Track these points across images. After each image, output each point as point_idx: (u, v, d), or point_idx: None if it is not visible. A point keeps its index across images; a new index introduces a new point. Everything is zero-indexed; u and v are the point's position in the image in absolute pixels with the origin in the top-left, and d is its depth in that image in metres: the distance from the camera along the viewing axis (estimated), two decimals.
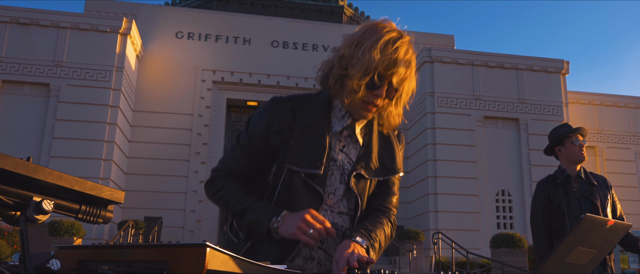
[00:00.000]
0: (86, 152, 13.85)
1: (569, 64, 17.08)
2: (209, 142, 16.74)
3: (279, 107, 1.55)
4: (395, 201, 1.65)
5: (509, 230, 15.15)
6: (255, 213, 1.48)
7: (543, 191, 3.34)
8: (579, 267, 1.33)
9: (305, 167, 1.48)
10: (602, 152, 18.60)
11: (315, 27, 18.37)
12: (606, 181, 3.38)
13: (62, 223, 11.10)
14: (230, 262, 0.94)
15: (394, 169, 1.62)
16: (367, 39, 1.46)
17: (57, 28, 14.55)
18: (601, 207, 3.24)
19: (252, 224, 1.48)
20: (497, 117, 16.54)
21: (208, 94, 17.02)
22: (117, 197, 1.03)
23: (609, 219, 1.25)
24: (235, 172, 1.61)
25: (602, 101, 19.02)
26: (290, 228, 1.40)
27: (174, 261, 0.92)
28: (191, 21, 17.54)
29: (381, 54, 1.42)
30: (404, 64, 1.46)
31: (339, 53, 1.51)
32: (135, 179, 15.70)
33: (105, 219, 1.05)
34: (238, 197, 1.53)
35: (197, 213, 16.05)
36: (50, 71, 14.27)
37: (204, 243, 0.89)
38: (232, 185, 1.57)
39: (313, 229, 1.37)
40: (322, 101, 1.58)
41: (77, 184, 0.96)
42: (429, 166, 15.69)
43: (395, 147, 1.66)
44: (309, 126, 1.52)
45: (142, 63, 16.79)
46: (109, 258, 1.04)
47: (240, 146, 1.61)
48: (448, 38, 19.34)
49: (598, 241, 1.30)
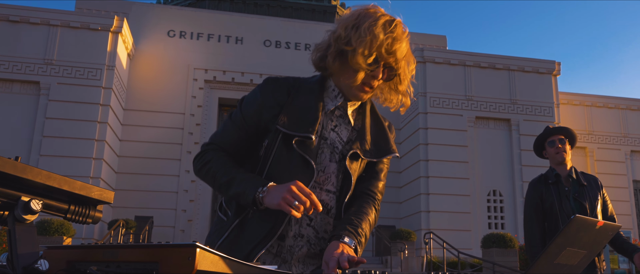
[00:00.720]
0: (76, 151, 13.76)
1: (560, 65, 17.19)
2: (201, 142, 16.68)
3: (274, 84, 1.58)
4: (381, 187, 1.66)
5: (500, 230, 15.23)
6: (242, 184, 1.45)
7: (536, 191, 3.37)
8: (568, 267, 1.33)
9: (297, 131, 1.49)
10: (593, 153, 18.73)
11: (307, 26, 18.36)
12: (597, 181, 3.41)
13: (52, 222, 11.03)
14: (221, 262, 0.94)
15: (389, 149, 1.64)
16: (364, 20, 1.49)
17: (47, 26, 14.44)
18: (590, 208, 3.27)
19: (238, 195, 1.45)
20: (489, 117, 16.61)
21: (200, 93, 16.96)
22: (107, 197, 1.03)
23: (598, 220, 1.26)
24: (227, 147, 1.59)
25: (593, 102, 19.16)
26: (275, 198, 1.36)
27: (164, 262, 0.91)
28: (183, 20, 17.47)
29: (383, 32, 1.47)
30: (404, 42, 1.51)
31: (335, 34, 1.53)
32: (126, 178, 15.63)
33: (94, 219, 1.04)
34: (226, 169, 1.51)
35: (188, 213, 16.00)
36: (40, 68, 14.17)
37: (193, 243, 0.88)
38: (221, 158, 1.56)
39: (298, 200, 1.33)
40: (315, 80, 1.61)
41: (66, 184, 0.96)
42: (420, 166, 15.73)
43: (387, 131, 1.69)
44: (302, 100, 1.55)
45: (133, 62, 16.71)
46: (98, 258, 1.03)
47: (232, 121, 1.60)
48: (440, 38, 19.40)
49: (588, 242, 1.31)
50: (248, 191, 1.42)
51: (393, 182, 16.98)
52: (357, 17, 1.51)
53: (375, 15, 1.50)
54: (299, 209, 1.32)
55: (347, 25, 1.51)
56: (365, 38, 1.45)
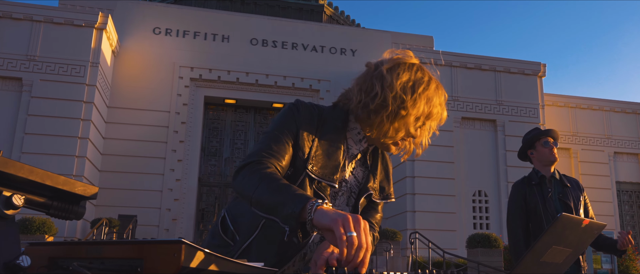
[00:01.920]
0: (59, 148, 13.59)
1: (545, 67, 17.37)
2: (186, 140, 16.58)
3: (306, 112, 1.52)
4: (379, 219, 1.69)
5: (485, 230, 15.34)
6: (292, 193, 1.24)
7: (519, 192, 3.40)
8: (554, 266, 1.34)
9: (324, 177, 1.47)
10: (577, 154, 18.94)
11: (294, 25, 18.32)
12: (579, 184, 3.45)
13: (34, 220, 10.88)
14: (207, 259, 0.92)
15: (389, 195, 1.68)
16: (419, 84, 1.48)
17: (30, 21, 14.25)
18: (575, 208, 3.31)
19: (281, 203, 1.24)
20: (475, 118, 16.72)
21: (185, 91, 16.85)
22: (90, 192, 1.00)
23: (584, 219, 1.26)
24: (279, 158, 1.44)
25: (577, 104, 19.38)
26: (331, 216, 1.13)
27: (149, 258, 0.89)
28: (169, 17, 17.34)
29: (436, 100, 1.50)
30: (445, 112, 1.56)
31: (393, 92, 1.45)
32: (109, 177, 15.47)
33: (77, 215, 1.02)
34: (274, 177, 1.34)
35: (173, 211, 15.88)
36: (22, 65, 13.97)
37: (179, 239, 0.87)
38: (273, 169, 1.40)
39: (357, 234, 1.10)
40: (339, 117, 1.56)
41: (48, 179, 0.94)
42: (407, 166, 15.79)
43: (391, 173, 1.72)
44: (328, 139, 1.51)
45: (118, 59, 16.54)
46: (82, 255, 1.01)
47: (273, 135, 1.47)
48: (427, 39, 19.48)
49: (573, 240, 1.32)
50: (299, 200, 1.21)
51: None
52: (410, 77, 1.49)
53: (426, 79, 1.50)
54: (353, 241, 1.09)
55: (404, 86, 1.47)
56: (420, 104, 1.46)
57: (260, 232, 1.50)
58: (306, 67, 17.56)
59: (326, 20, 20.54)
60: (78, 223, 13.31)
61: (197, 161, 16.63)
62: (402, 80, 1.47)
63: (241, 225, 1.53)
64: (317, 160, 1.48)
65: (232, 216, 1.58)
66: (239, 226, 1.54)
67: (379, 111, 1.46)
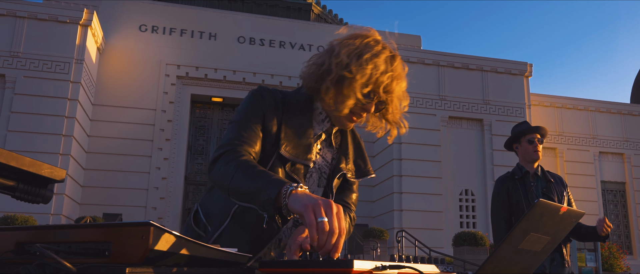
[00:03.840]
0: (43, 146, 13.43)
1: (531, 67, 17.50)
2: (172, 138, 16.46)
3: (269, 97, 1.53)
4: (355, 199, 1.68)
5: (471, 229, 15.43)
6: (265, 181, 1.23)
7: (503, 186, 3.40)
8: (533, 254, 1.33)
9: (298, 158, 1.48)
10: (562, 153, 19.11)
11: (282, 24, 18.28)
12: (562, 180, 3.47)
13: (16, 217, 10.75)
14: (176, 242, 0.90)
15: (367, 171, 1.67)
16: (366, 50, 1.45)
17: (14, 17, 14.06)
18: (558, 203, 3.32)
19: (258, 190, 1.22)
20: (462, 117, 16.80)
21: (172, 89, 16.74)
22: (58, 175, 0.98)
23: (562, 206, 1.26)
24: (251, 144, 1.44)
25: (563, 104, 19.55)
26: (303, 201, 1.11)
27: (117, 241, 0.87)
28: (155, 14, 17.21)
29: (385, 67, 1.45)
30: (403, 81, 1.51)
31: (338, 59, 1.46)
32: (94, 175, 15.32)
33: (44, 199, 0.99)
34: (249, 165, 1.33)
35: (158, 210, 15.77)
36: (6, 61, 13.78)
37: (147, 221, 0.85)
38: (247, 156, 1.40)
39: (330, 220, 1.08)
40: (304, 100, 1.56)
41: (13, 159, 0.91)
42: (394, 165, 15.82)
43: (365, 151, 1.71)
44: (295, 123, 1.51)
45: (103, 56, 16.39)
46: (49, 239, 0.99)
47: (242, 122, 1.47)
48: (415, 38, 19.55)
49: (551, 227, 1.31)
50: (275, 185, 1.19)
51: (366, 181, 16.96)
52: (359, 44, 1.47)
53: (378, 48, 1.47)
54: (324, 227, 1.06)
55: (350, 52, 1.46)
56: (366, 69, 1.42)
57: (232, 220, 1.49)
58: (293, 65, 17.53)
59: (314, 19, 20.53)
60: (62, 220, 13.16)
61: (183, 159, 16.52)
62: (350, 48, 1.47)
63: (213, 216, 1.53)
64: (288, 141, 1.48)
65: (205, 208, 1.58)
66: (211, 217, 1.53)
67: (324, 78, 1.47)
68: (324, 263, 0.98)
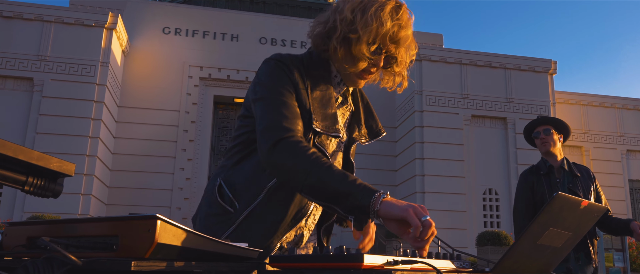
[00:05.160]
0: (70, 148, 13.69)
1: (556, 64, 17.19)
2: (196, 139, 16.63)
3: (293, 67, 1.48)
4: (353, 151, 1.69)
5: (495, 228, 15.23)
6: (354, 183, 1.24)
7: (527, 182, 3.33)
8: (553, 249, 1.29)
9: (328, 131, 1.46)
10: (589, 152, 18.75)
11: (303, 24, 18.29)
12: (589, 172, 3.37)
13: (44, 217, 10.96)
14: (183, 236, 0.90)
15: (379, 131, 1.65)
16: (370, 4, 1.43)
17: (41, 22, 14.36)
18: (584, 198, 3.22)
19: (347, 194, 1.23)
20: (485, 116, 16.60)
21: (195, 91, 16.91)
22: (67, 169, 0.98)
23: (582, 200, 1.21)
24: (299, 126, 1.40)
25: (589, 102, 19.18)
26: (401, 206, 1.18)
27: (123, 235, 0.87)
28: (178, 17, 17.40)
29: (390, 19, 1.41)
30: (410, 29, 1.47)
31: (342, 15, 1.45)
32: (120, 176, 15.56)
33: (54, 193, 0.99)
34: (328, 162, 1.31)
35: (183, 210, 15.94)
36: (33, 65, 14.09)
37: (154, 215, 0.84)
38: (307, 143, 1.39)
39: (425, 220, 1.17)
40: (321, 64, 1.53)
41: (21, 153, 0.91)
42: (416, 165, 15.71)
43: (373, 108, 1.69)
44: (319, 92, 1.49)
45: (128, 58, 16.64)
46: (59, 233, 1.00)
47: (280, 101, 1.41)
48: (437, 37, 19.38)
49: (572, 222, 1.27)
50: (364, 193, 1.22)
51: (388, 180, 16.96)
52: (362, 0, 1.45)
53: (381, 1, 1.44)
54: (429, 224, 1.18)
55: (353, 7, 1.44)
56: (371, 25, 1.40)
57: (266, 196, 1.46)
58: None
59: None
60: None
61: (207, 160, 16.67)
62: (354, 3, 1.45)
63: (241, 191, 1.48)
64: (317, 114, 1.45)
65: (230, 182, 1.51)
66: (238, 192, 1.49)
67: (331, 36, 1.46)
68: (334, 258, 0.96)
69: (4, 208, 12.87)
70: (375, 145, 16.84)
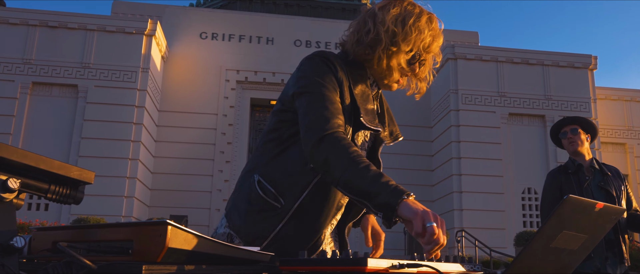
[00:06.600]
0: (113, 151, 14.10)
1: (596, 59, 16.66)
2: (234, 142, 16.87)
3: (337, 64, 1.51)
4: None
5: (535, 228, 14.87)
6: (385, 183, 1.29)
7: (555, 181, 3.25)
8: (568, 252, 1.28)
9: (372, 125, 1.51)
10: (633, 149, 18.09)
11: (337, 25, 18.29)
12: (619, 173, 3.27)
13: (89, 219, 11.36)
14: (194, 240, 0.94)
15: (398, 135, 1.72)
16: (409, 16, 1.51)
17: (84, 30, 14.86)
18: (616, 198, 3.11)
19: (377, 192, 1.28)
20: (523, 114, 16.24)
21: (232, 94, 17.16)
22: (87, 177, 1.03)
23: (597, 202, 1.19)
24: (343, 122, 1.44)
25: (632, 97, 18.50)
26: (413, 209, 1.22)
27: (137, 240, 0.92)
28: (215, 22, 17.70)
29: (427, 29, 1.52)
30: (441, 38, 1.58)
31: (384, 26, 1.49)
32: (161, 179, 15.93)
33: (76, 200, 1.04)
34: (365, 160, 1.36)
35: (222, 211, 16.19)
36: (78, 72, 14.58)
37: (164, 221, 0.88)
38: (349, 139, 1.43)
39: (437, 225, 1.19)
40: (359, 66, 1.58)
41: (43, 162, 0.97)
42: (453, 164, 15.50)
43: (391, 112, 1.74)
44: (360, 90, 1.54)
45: (167, 64, 17.02)
46: (81, 238, 1.05)
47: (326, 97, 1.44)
48: (472, 34, 19.09)
49: (587, 225, 1.25)
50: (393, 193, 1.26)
51: (425, 180, 16.79)
52: (401, 10, 1.52)
53: (417, 11, 1.53)
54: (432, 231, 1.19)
55: (395, 19, 1.50)
56: (411, 36, 1.49)
57: (312, 191, 1.48)
58: None
59: None
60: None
61: (244, 162, 16.89)
62: (393, 14, 1.50)
63: (284, 186, 1.49)
64: (362, 109, 1.51)
65: (270, 178, 1.50)
66: (280, 188, 1.49)
67: (374, 47, 1.51)
68: (337, 261, 0.99)
69: (52, 210, 13.39)
70: (412, 145, 16.71)
